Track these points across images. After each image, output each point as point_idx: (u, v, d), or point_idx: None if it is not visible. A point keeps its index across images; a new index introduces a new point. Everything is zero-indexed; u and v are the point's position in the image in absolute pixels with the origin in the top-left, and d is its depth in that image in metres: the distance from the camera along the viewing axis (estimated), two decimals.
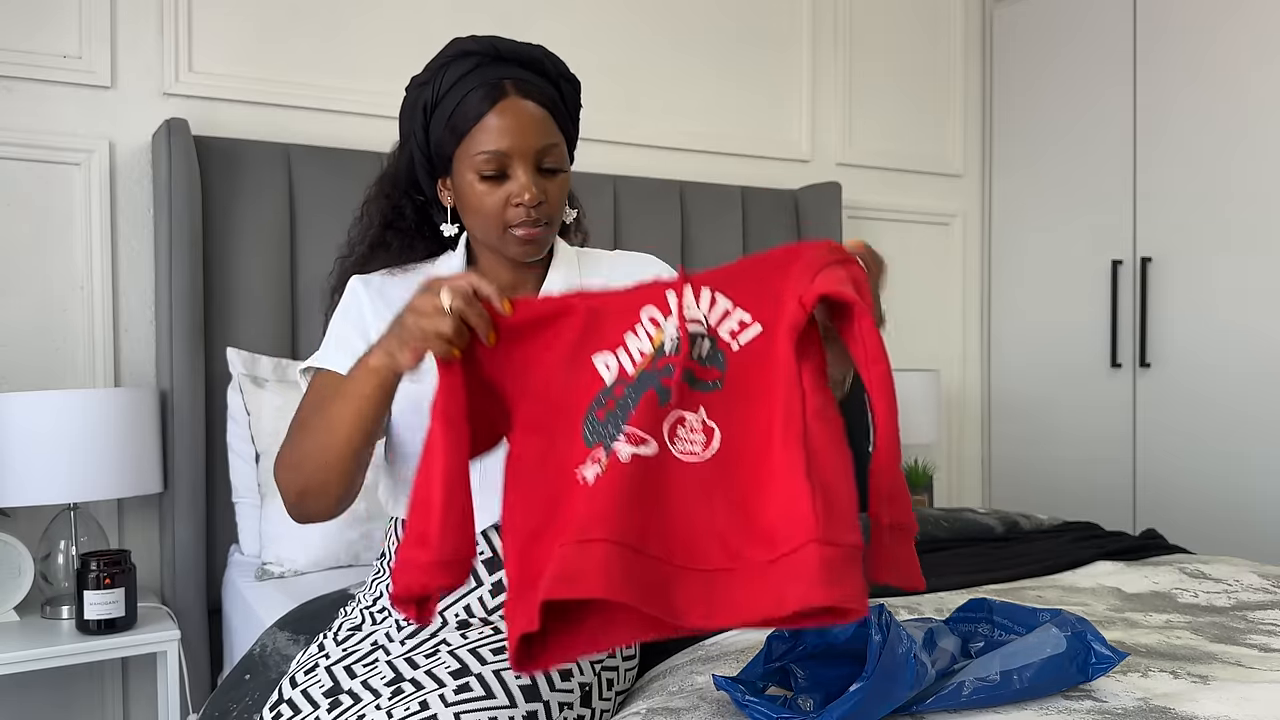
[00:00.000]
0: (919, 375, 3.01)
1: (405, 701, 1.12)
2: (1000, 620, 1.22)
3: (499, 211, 1.24)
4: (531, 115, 1.24)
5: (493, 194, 1.24)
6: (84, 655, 1.90)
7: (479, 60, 1.25)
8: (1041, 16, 3.29)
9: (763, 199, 2.97)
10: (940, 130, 3.45)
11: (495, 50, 1.26)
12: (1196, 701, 1.11)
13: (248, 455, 2.11)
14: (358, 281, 1.34)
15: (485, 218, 1.25)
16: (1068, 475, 3.23)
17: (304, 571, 1.98)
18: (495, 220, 1.25)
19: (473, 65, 1.25)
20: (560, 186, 1.28)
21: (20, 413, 1.92)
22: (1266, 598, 1.67)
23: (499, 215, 1.24)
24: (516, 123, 1.23)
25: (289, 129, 2.42)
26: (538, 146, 1.24)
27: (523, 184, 1.23)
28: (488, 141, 1.23)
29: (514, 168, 1.24)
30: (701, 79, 2.99)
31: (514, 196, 1.23)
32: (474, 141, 1.24)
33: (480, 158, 1.23)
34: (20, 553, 1.98)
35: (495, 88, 1.23)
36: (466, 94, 1.24)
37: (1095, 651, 1.12)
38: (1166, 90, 2.94)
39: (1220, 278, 2.82)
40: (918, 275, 3.42)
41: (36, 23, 2.19)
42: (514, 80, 1.25)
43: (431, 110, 1.27)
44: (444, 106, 1.25)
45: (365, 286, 1.33)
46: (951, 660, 1.14)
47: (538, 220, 1.25)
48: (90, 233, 2.23)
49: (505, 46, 1.27)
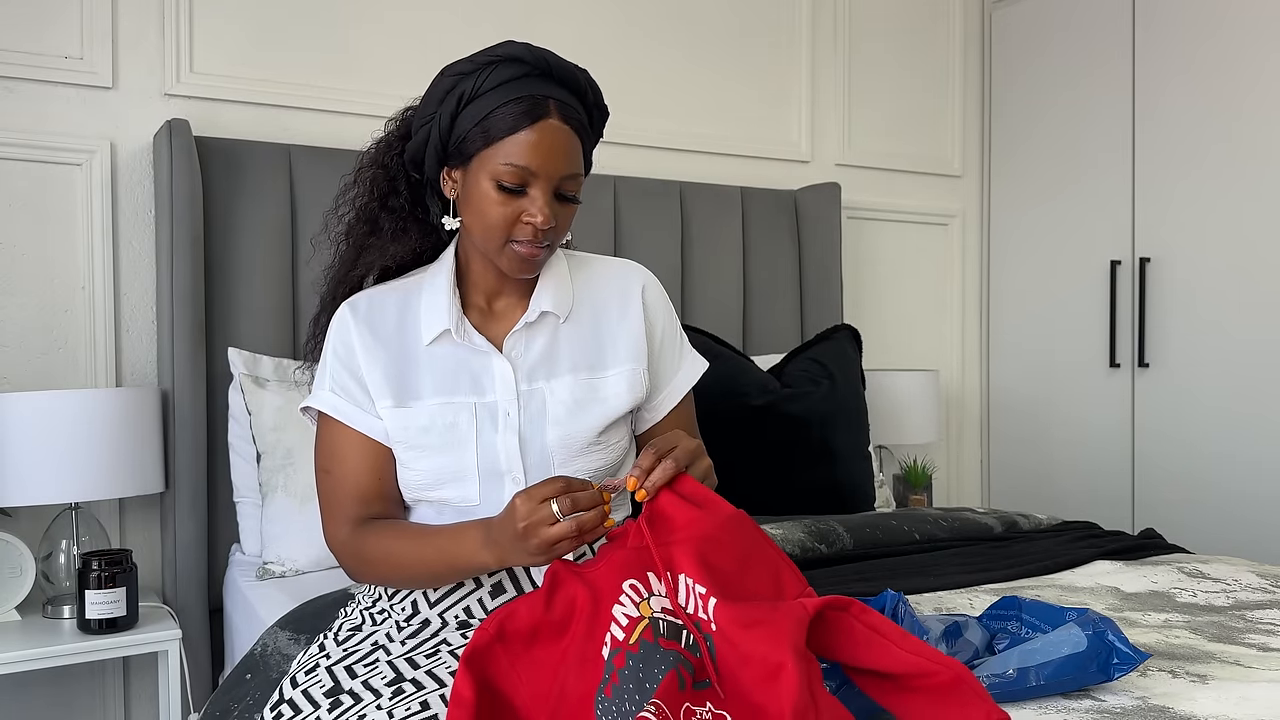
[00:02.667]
0: (918, 375, 3.02)
1: (406, 701, 1.13)
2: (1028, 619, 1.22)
3: (507, 225, 1.23)
4: (565, 141, 1.23)
5: (507, 206, 1.22)
6: (85, 655, 1.90)
7: (528, 70, 1.22)
8: (1040, 17, 3.29)
9: (762, 199, 2.98)
10: (939, 131, 3.45)
11: (546, 65, 1.23)
12: (1195, 701, 1.12)
13: (249, 455, 2.12)
14: (347, 310, 1.32)
15: (491, 226, 1.23)
16: (1066, 475, 3.23)
17: (305, 571, 1.99)
18: (500, 232, 1.23)
19: (521, 73, 1.22)
20: (569, 216, 1.28)
21: (22, 413, 1.93)
22: (1265, 597, 1.68)
23: (506, 228, 1.23)
24: (551, 145, 1.21)
25: (289, 129, 2.42)
26: (563, 173, 1.23)
27: (539, 205, 1.22)
28: (518, 155, 1.20)
29: (535, 187, 1.22)
30: (701, 80, 2.99)
31: (527, 215, 1.22)
32: (503, 150, 1.21)
33: (505, 168, 1.21)
34: (22, 552, 1.98)
35: (539, 104, 1.21)
36: (508, 101, 1.20)
37: (1117, 651, 1.13)
38: (1165, 91, 2.94)
39: (1219, 278, 2.83)
40: (917, 275, 3.42)
41: (38, 23, 2.19)
42: (558, 102, 1.23)
43: (466, 102, 1.23)
44: (481, 104, 1.22)
45: (354, 316, 1.31)
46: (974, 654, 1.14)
47: (542, 242, 1.24)
48: (91, 233, 2.23)
49: (556, 64, 1.25)
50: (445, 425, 1.26)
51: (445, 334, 1.29)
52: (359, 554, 1.27)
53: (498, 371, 1.28)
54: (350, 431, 1.29)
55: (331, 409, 1.29)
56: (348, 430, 1.29)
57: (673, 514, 1.10)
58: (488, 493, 1.26)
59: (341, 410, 1.29)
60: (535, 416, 1.27)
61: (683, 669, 0.98)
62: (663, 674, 0.97)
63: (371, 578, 1.28)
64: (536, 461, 1.27)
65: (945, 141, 3.46)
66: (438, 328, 1.28)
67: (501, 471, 1.26)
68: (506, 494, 1.25)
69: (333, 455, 1.30)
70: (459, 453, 1.25)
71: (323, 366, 1.33)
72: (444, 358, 1.29)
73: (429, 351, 1.29)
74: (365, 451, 1.29)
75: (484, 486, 1.26)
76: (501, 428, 1.26)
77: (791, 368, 2.52)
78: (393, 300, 1.33)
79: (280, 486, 2.03)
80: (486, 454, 1.25)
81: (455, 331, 1.28)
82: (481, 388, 1.28)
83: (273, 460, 2.05)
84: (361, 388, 1.29)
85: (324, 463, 1.31)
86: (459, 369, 1.29)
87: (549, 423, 1.27)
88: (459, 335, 1.28)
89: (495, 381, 1.28)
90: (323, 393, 1.31)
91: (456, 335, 1.28)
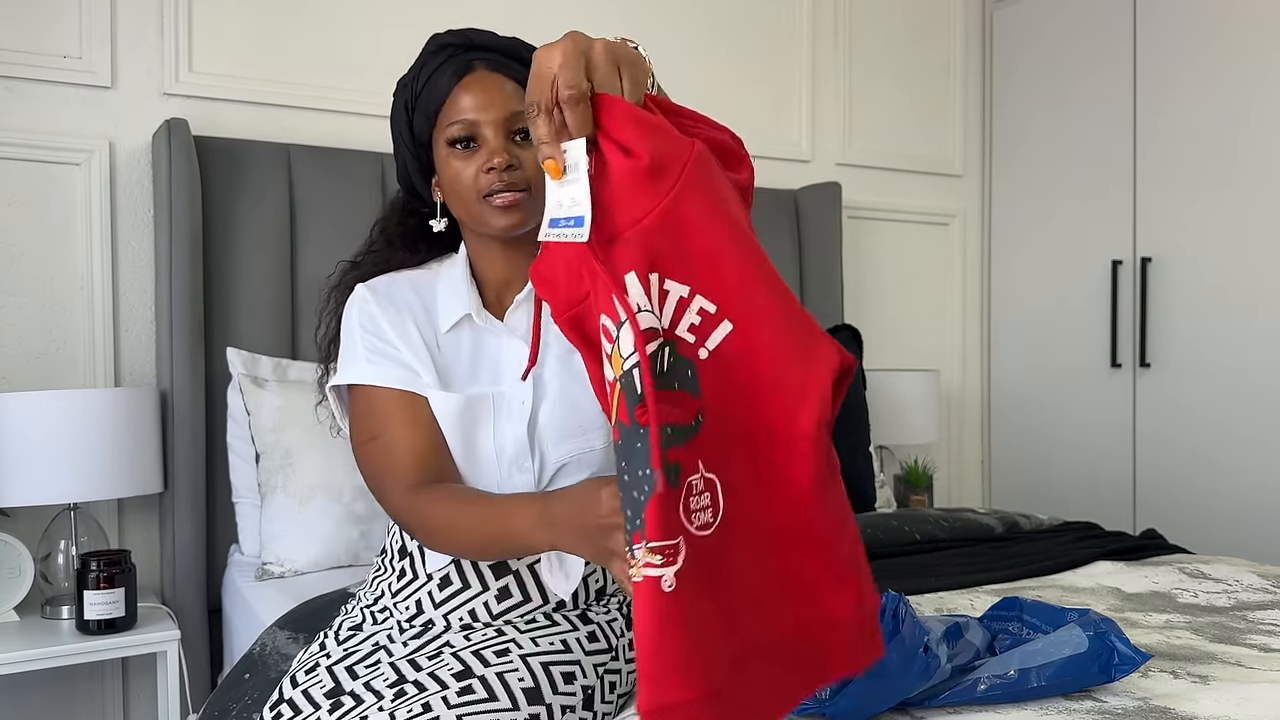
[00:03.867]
0: (919, 375, 3.02)
1: (408, 703, 1.12)
2: (1030, 619, 1.22)
3: (475, 181, 1.24)
4: (499, 85, 1.26)
5: (467, 164, 1.24)
6: (84, 655, 1.90)
7: (454, 49, 1.28)
8: (1041, 17, 3.29)
9: (763, 199, 2.97)
10: (940, 130, 3.45)
11: (469, 40, 1.28)
12: (1196, 701, 1.12)
13: (248, 455, 2.11)
14: (364, 289, 1.32)
15: (463, 191, 1.25)
16: (1067, 475, 3.23)
17: (304, 571, 1.98)
18: (473, 192, 1.24)
19: (449, 54, 1.27)
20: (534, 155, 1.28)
21: (20, 413, 1.92)
22: (1266, 598, 1.67)
23: (475, 186, 1.24)
24: (484, 92, 1.25)
25: (289, 129, 2.42)
26: (507, 114, 1.25)
27: (493, 147, 1.23)
28: (456, 111, 1.24)
29: (484, 135, 1.24)
30: (701, 79, 2.99)
31: (487, 163, 1.23)
32: (446, 115, 1.26)
33: (451, 127, 1.24)
34: (20, 553, 1.98)
35: (463, 64, 1.26)
36: (438, 78, 1.26)
37: (1118, 652, 1.12)
38: (1167, 90, 2.94)
39: (1220, 278, 2.82)
40: (917, 275, 3.42)
41: (37, 23, 2.19)
42: (483, 59, 1.27)
43: (414, 105, 1.28)
44: (423, 97, 1.27)
45: (373, 293, 1.31)
46: (975, 654, 1.14)
47: (514, 184, 1.23)
48: (90, 233, 2.23)
49: (480, 36, 1.29)
50: (468, 415, 1.24)
51: (464, 320, 1.29)
52: (424, 520, 1.19)
53: (512, 354, 1.28)
54: (394, 393, 1.25)
55: (372, 378, 1.26)
56: (391, 392, 1.25)
57: (618, 178, 0.81)
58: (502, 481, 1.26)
59: (383, 374, 1.25)
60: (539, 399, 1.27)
61: (671, 453, 0.77)
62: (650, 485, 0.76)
63: (437, 544, 1.20)
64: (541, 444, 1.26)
65: (946, 141, 3.45)
66: (458, 312, 1.28)
67: (510, 460, 1.25)
68: (516, 482, 1.25)
69: (380, 419, 1.24)
70: (475, 441, 1.25)
71: (349, 343, 1.30)
72: (463, 346, 1.29)
73: (447, 339, 1.29)
74: (416, 410, 1.24)
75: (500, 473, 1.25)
76: (515, 417, 1.26)
77: None
78: (407, 286, 1.33)
79: (279, 487, 2.02)
80: (500, 442, 1.25)
81: (477, 315, 1.28)
82: (499, 375, 1.28)
83: (271, 460, 2.04)
84: (397, 351, 1.27)
85: (369, 432, 1.25)
86: (478, 357, 1.29)
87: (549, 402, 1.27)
88: (480, 319, 1.28)
89: (510, 368, 1.28)
90: (356, 365, 1.27)
91: (479, 319, 1.28)
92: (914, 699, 1.07)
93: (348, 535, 2.00)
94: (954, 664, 1.10)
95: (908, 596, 1.58)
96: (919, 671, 1.03)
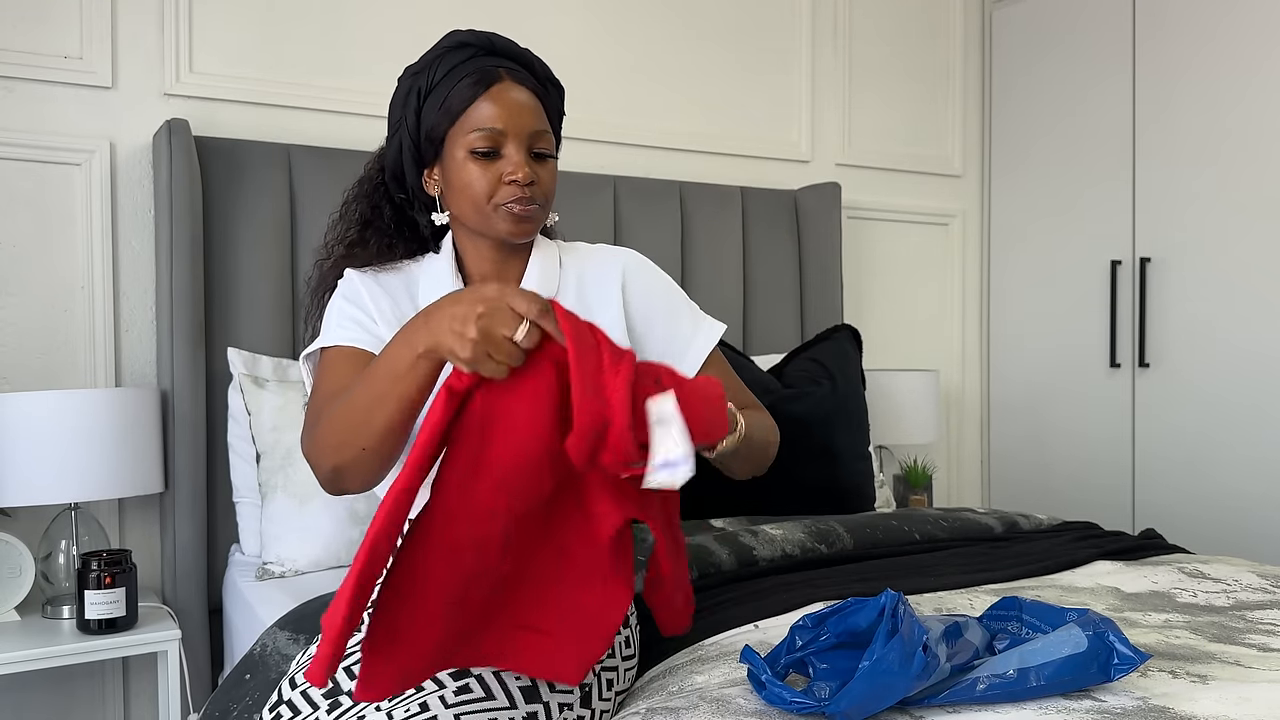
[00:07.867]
0: (918, 375, 3.02)
1: (405, 703, 1.12)
2: (1029, 619, 1.22)
3: (490, 189, 1.28)
4: (524, 101, 1.30)
5: (486, 171, 1.28)
6: (84, 655, 1.90)
7: (474, 51, 1.31)
8: (1040, 17, 3.29)
9: (762, 199, 2.97)
10: (940, 131, 3.45)
11: (490, 43, 1.32)
12: (1195, 701, 1.12)
13: (248, 455, 2.11)
14: (353, 272, 1.36)
15: (477, 196, 1.28)
16: (1067, 475, 3.23)
17: (304, 571, 1.98)
18: (487, 199, 1.28)
19: (468, 55, 1.30)
20: (550, 173, 1.33)
21: (21, 413, 1.92)
22: (1265, 597, 1.67)
23: (490, 193, 1.28)
24: (511, 104, 1.29)
25: (289, 129, 2.42)
26: (531, 129, 1.30)
27: (516, 162, 1.28)
28: (483, 120, 1.27)
29: (507, 146, 1.28)
30: (701, 79, 2.99)
31: (507, 174, 1.27)
32: (469, 120, 1.28)
33: (476, 135, 1.27)
34: (21, 552, 1.98)
35: (490, 73, 1.30)
36: (462, 78, 1.29)
37: (1118, 652, 1.12)
38: (1165, 90, 2.94)
39: (1219, 278, 2.83)
40: (917, 275, 3.42)
41: (37, 23, 2.19)
42: (508, 69, 1.31)
43: (425, 96, 1.31)
44: (438, 92, 1.30)
45: (360, 275, 1.35)
46: (974, 654, 1.14)
47: (530, 199, 1.28)
48: (91, 233, 2.23)
49: (499, 42, 1.33)
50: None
51: None
52: (324, 430, 1.13)
53: None
54: (360, 351, 1.26)
55: (338, 339, 1.27)
56: (357, 350, 1.26)
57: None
58: None
59: (350, 335, 1.27)
60: None
61: None
62: None
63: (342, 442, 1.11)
64: None
65: (945, 141, 3.46)
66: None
67: None
68: None
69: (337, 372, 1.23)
70: None
71: (329, 318, 1.32)
72: None
73: None
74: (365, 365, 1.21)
75: None
76: None
77: (791, 368, 2.51)
78: (393, 275, 1.37)
79: (280, 487, 2.03)
80: None
81: None
82: None
83: (272, 460, 2.04)
84: (374, 324, 1.29)
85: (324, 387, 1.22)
86: None
87: None
88: None
89: None
90: (328, 333, 1.29)
91: None
92: (913, 698, 1.07)
93: (348, 535, 2.00)
94: (953, 663, 1.10)
95: (907, 596, 1.58)
96: (918, 671, 1.03)
